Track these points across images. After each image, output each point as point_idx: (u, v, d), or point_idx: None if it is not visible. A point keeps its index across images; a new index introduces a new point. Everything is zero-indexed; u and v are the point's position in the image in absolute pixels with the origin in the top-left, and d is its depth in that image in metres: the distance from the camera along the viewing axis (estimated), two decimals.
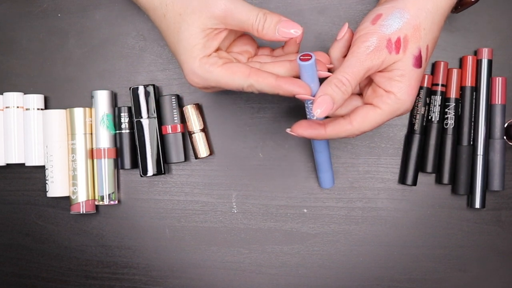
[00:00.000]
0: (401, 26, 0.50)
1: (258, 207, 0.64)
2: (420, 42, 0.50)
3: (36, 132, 0.63)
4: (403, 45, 0.50)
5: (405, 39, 0.50)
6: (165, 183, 0.64)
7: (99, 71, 0.64)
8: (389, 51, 0.50)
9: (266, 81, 0.50)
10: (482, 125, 0.62)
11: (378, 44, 0.50)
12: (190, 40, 0.51)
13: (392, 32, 0.50)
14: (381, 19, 0.51)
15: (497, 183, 0.62)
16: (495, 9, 0.63)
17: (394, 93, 0.51)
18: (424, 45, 0.51)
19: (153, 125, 0.62)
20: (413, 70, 0.50)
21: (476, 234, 0.64)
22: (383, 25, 0.50)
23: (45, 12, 0.64)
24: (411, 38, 0.50)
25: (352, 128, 0.51)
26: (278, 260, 0.64)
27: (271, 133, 0.64)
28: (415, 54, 0.50)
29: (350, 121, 0.51)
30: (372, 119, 0.51)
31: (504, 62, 0.63)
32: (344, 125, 0.51)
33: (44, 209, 0.65)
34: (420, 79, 0.52)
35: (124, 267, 0.65)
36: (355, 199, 0.64)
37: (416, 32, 0.50)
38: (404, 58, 0.50)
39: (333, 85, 0.49)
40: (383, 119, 0.52)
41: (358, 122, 0.51)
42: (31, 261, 0.65)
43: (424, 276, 0.64)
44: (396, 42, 0.50)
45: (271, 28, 0.50)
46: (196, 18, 0.50)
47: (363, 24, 0.52)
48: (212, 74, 0.51)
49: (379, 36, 0.50)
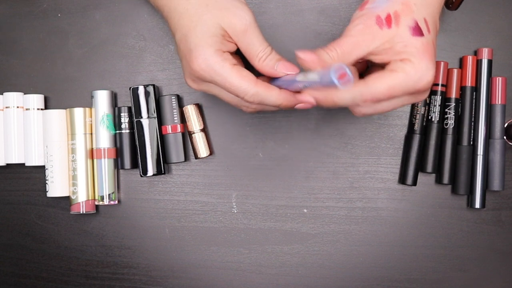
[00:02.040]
0: (388, 4, 0.50)
1: (258, 207, 0.64)
2: (413, 14, 0.50)
3: (36, 132, 0.63)
4: (395, 20, 0.50)
5: (395, 14, 0.50)
6: (165, 183, 0.64)
7: (99, 71, 0.64)
8: (380, 27, 0.49)
9: (272, 92, 0.51)
10: (482, 125, 0.62)
11: (367, 21, 0.50)
12: (210, 29, 0.51)
13: (381, 10, 0.50)
14: (368, 3, 0.51)
15: (497, 183, 0.62)
16: (495, 9, 0.63)
17: (408, 58, 0.49)
18: (420, 18, 0.50)
19: (153, 125, 0.62)
20: (415, 39, 0.49)
21: (476, 234, 0.64)
22: (370, 8, 0.51)
23: (45, 12, 0.64)
24: (401, 12, 0.50)
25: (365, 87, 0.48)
26: (278, 260, 0.64)
27: (271, 133, 0.64)
28: (411, 25, 0.50)
29: (365, 80, 0.49)
30: (388, 79, 0.49)
31: (504, 62, 0.63)
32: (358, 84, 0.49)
33: (44, 209, 0.65)
34: (431, 48, 0.50)
35: (124, 267, 0.65)
36: (355, 199, 0.64)
37: (406, 7, 0.50)
38: (400, 30, 0.49)
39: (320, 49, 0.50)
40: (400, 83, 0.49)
41: (372, 80, 0.49)
42: (31, 261, 0.65)
43: (424, 276, 0.64)
44: (387, 18, 0.50)
45: (272, 63, 0.52)
46: (220, 15, 0.51)
47: (353, 14, 0.53)
48: (223, 68, 0.50)
49: (367, 15, 0.50)
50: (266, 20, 0.63)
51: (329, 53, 0.49)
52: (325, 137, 0.64)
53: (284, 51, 0.63)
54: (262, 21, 0.63)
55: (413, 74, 0.49)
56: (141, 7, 0.64)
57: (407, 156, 0.62)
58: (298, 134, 0.64)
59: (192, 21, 0.51)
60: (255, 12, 0.63)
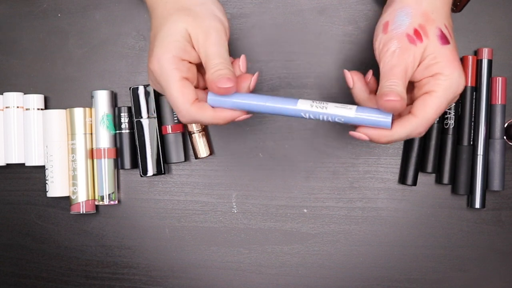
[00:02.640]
0: (410, 19, 0.51)
1: (258, 207, 0.64)
2: (436, 23, 0.51)
3: (36, 132, 0.63)
4: (423, 32, 0.50)
5: (421, 27, 0.50)
6: (165, 183, 0.64)
7: (99, 71, 0.64)
8: (413, 43, 0.50)
9: (205, 114, 0.50)
10: (482, 125, 0.62)
11: (401, 44, 0.50)
12: (174, 33, 0.50)
13: (406, 28, 0.50)
14: (390, 24, 0.51)
15: (497, 183, 0.62)
16: (495, 9, 0.63)
17: (439, 72, 0.50)
18: (442, 24, 0.51)
19: (153, 125, 0.62)
20: (444, 48, 0.50)
21: (476, 234, 0.64)
22: (395, 28, 0.51)
23: (45, 12, 0.64)
24: (426, 24, 0.50)
25: (417, 119, 0.49)
26: (278, 260, 0.64)
27: (271, 133, 0.64)
28: (438, 34, 0.50)
29: (413, 113, 0.50)
30: (433, 103, 0.49)
31: (504, 62, 0.63)
32: (409, 119, 0.50)
33: (44, 209, 0.65)
34: (456, 53, 0.51)
35: (124, 267, 0.65)
36: (355, 199, 0.64)
37: (427, 17, 0.51)
38: (430, 42, 0.50)
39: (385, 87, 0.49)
40: (442, 101, 0.50)
41: (420, 111, 0.49)
42: (31, 261, 0.65)
43: (424, 276, 0.64)
44: (415, 33, 0.50)
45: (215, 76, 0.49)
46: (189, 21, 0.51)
47: (376, 38, 0.52)
48: (169, 76, 0.50)
49: (397, 37, 0.50)
50: (266, 20, 0.63)
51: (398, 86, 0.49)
52: (325, 137, 0.64)
53: (284, 51, 0.63)
54: (262, 21, 0.63)
55: (450, 86, 0.50)
56: (141, 7, 0.64)
57: (407, 156, 0.62)
58: (298, 134, 0.64)
59: (161, 23, 0.52)
60: (255, 12, 0.63)
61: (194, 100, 0.50)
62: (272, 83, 0.63)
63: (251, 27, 0.63)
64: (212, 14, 0.52)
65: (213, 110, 0.51)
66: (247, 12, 0.63)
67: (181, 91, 0.50)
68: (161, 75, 0.50)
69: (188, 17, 0.51)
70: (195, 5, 0.52)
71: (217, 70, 0.49)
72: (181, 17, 0.51)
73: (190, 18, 0.51)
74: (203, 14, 0.51)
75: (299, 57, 0.63)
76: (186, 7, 0.51)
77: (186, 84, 0.50)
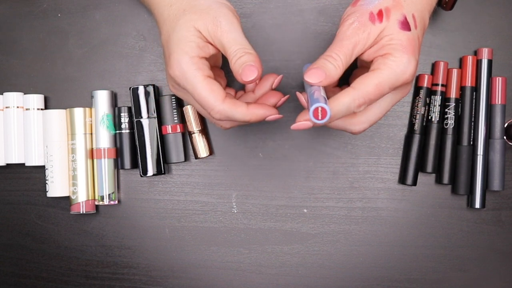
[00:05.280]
0: (380, 1, 0.51)
1: (258, 207, 0.64)
2: (403, 10, 0.51)
3: (36, 132, 0.63)
4: (386, 15, 0.51)
5: (386, 9, 0.51)
6: (165, 183, 0.64)
7: (99, 71, 0.64)
8: (373, 22, 0.50)
9: (239, 109, 0.50)
10: (482, 125, 0.62)
11: (361, 18, 0.51)
12: (185, 36, 0.51)
13: (373, 6, 0.51)
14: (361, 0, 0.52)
15: (497, 183, 0.62)
16: (495, 9, 0.63)
17: (389, 53, 0.50)
18: (409, 13, 0.51)
19: (153, 125, 0.62)
20: (402, 33, 0.50)
21: (476, 234, 0.64)
22: (363, 4, 0.52)
23: (45, 12, 0.64)
24: (392, 8, 0.51)
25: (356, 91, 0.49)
26: (278, 260, 0.64)
27: (271, 133, 0.64)
28: (400, 19, 0.51)
29: (352, 86, 0.49)
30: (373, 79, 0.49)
31: (504, 62, 0.63)
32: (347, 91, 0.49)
33: (44, 209, 0.65)
34: (415, 43, 0.51)
35: (124, 267, 0.65)
36: (355, 199, 0.64)
37: (396, 3, 0.51)
38: (389, 24, 0.51)
39: (322, 59, 0.50)
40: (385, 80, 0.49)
41: (359, 84, 0.49)
42: (31, 261, 0.65)
43: (424, 276, 0.64)
44: (378, 13, 0.51)
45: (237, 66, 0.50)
46: (195, 18, 0.51)
47: (345, 9, 0.53)
48: (194, 78, 0.50)
49: (361, 12, 0.51)
50: (266, 20, 0.63)
51: (333, 62, 0.49)
52: (325, 137, 0.64)
53: (284, 51, 0.63)
54: (262, 21, 0.63)
55: (396, 68, 0.49)
56: (141, 7, 0.64)
57: (407, 156, 0.62)
58: (298, 134, 0.64)
59: (171, 26, 0.52)
60: (255, 12, 0.63)
61: (225, 96, 0.50)
62: None
63: (251, 27, 0.63)
64: (216, 2, 0.52)
65: (246, 106, 0.51)
66: (247, 12, 0.63)
67: (211, 89, 0.50)
68: (185, 79, 0.50)
69: (194, 14, 0.51)
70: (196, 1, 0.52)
71: (238, 58, 0.50)
72: (187, 16, 0.51)
73: (196, 15, 0.51)
74: (207, 6, 0.52)
75: (299, 57, 0.63)
76: (191, 5, 0.52)
77: (213, 82, 0.50)
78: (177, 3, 0.53)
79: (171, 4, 0.53)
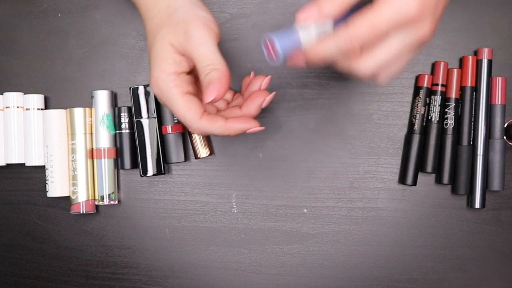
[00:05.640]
0: None
1: (258, 207, 0.64)
2: None
3: (36, 132, 0.63)
4: None
5: None
6: (165, 183, 0.64)
7: (99, 71, 0.64)
8: None
9: (216, 125, 0.50)
10: (482, 125, 0.62)
11: None
12: (161, 52, 0.50)
13: None
14: None
15: (497, 183, 0.62)
16: (495, 9, 0.63)
17: None
18: None
19: (153, 125, 0.62)
20: None
21: (476, 234, 0.64)
22: None
23: (45, 12, 0.64)
24: None
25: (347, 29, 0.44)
26: (278, 260, 0.64)
27: (271, 133, 0.64)
28: None
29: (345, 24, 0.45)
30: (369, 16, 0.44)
31: (504, 62, 0.63)
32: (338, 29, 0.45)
33: (44, 209, 0.65)
34: None
35: (124, 267, 0.65)
36: (355, 199, 0.64)
37: None
38: None
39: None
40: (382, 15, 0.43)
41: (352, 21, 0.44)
42: (31, 261, 0.65)
43: (424, 276, 0.64)
44: None
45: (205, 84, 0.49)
46: (170, 31, 0.50)
47: None
48: (172, 96, 0.50)
49: None
50: (266, 20, 0.63)
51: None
52: (325, 137, 0.64)
53: None
54: (262, 21, 0.63)
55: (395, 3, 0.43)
56: None
57: (407, 156, 0.62)
58: (298, 134, 0.64)
59: (151, 41, 0.52)
60: (255, 12, 0.63)
61: (203, 113, 0.50)
62: (272, 83, 0.63)
63: (251, 27, 0.63)
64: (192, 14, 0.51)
65: (224, 121, 0.50)
66: (247, 12, 0.63)
67: (188, 107, 0.49)
68: (164, 96, 0.50)
69: (169, 28, 0.50)
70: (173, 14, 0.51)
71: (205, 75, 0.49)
72: (164, 30, 0.51)
73: (170, 28, 0.50)
74: (182, 19, 0.51)
75: None
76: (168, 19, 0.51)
77: (191, 98, 0.50)
78: (157, 17, 0.52)
79: (153, 18, 0.52)
